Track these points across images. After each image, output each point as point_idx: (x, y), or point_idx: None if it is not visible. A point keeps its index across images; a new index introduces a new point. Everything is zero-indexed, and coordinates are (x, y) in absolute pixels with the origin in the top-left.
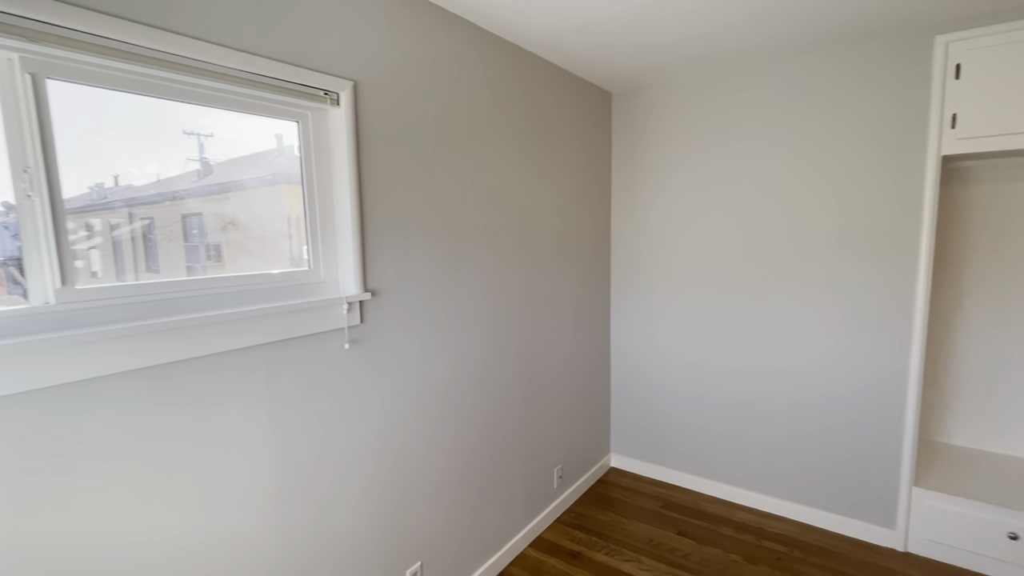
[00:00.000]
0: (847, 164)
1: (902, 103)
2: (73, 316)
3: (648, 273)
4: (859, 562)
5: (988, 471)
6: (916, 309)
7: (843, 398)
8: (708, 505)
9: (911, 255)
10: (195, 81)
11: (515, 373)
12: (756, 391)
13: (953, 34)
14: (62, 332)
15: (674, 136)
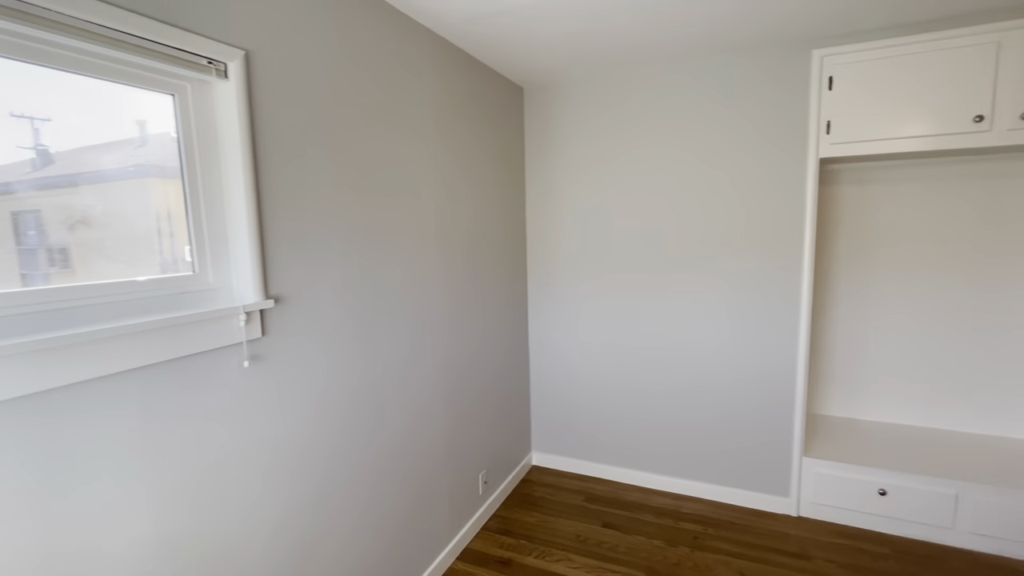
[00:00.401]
0: (743, 164)
1: (788, 109)
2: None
3: (562, 269)
4: (762, 531)
5: (859, 437)
6: (802, 295)
7: (743, 381)
8: (628, 494)
9: (797, 247)
10: (27, 32)
11: (439, 379)
12: (665, 379)
13: (826, 49)
14: None
15: (583, 134)
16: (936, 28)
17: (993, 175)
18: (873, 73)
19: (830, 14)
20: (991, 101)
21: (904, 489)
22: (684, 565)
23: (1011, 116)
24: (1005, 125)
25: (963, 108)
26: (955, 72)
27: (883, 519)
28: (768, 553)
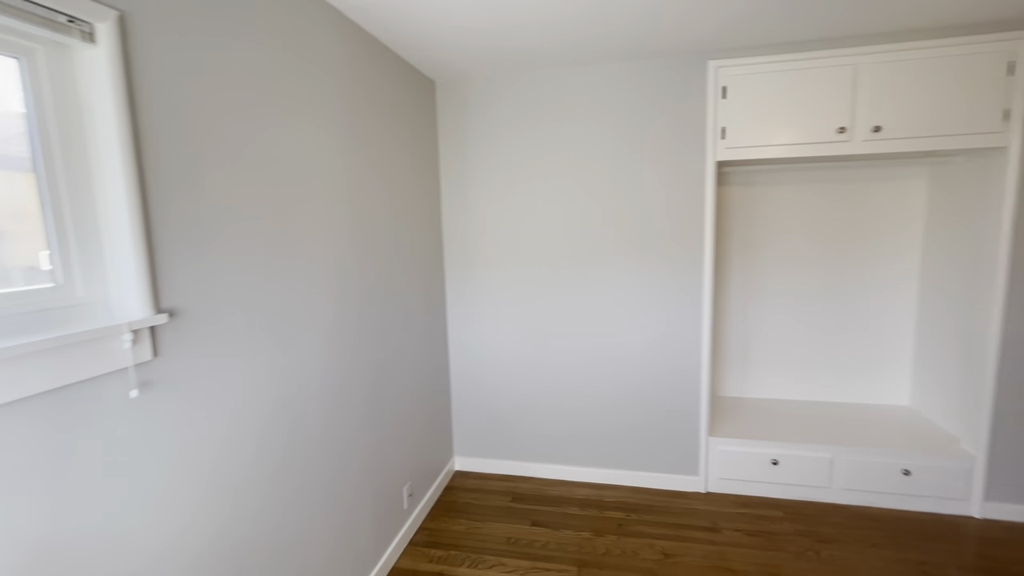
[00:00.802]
0: (650, 166)
1: (690, 114)
2: None
3: (480, 270)
4: (678, 510)
5: (753, 414)
6: (704, 287)
7: (654, 371)
8: (553, 489)
9: (698, 242)
10: None
11: (362, 392)
12: (583, 374)
13: (720, 61)
14: None
15: (497, 132)
16: (809, 48)
17: (852, 180)
18: (760, 85)
19: (720, 29)
20: (851, 115)
21: (791, 457)
22: (612, 553)
23: (865, 129)
24: (861, 137)
25: (829, 120)
26: (823, 88)
27: (776, 486)
28: (685, 530)
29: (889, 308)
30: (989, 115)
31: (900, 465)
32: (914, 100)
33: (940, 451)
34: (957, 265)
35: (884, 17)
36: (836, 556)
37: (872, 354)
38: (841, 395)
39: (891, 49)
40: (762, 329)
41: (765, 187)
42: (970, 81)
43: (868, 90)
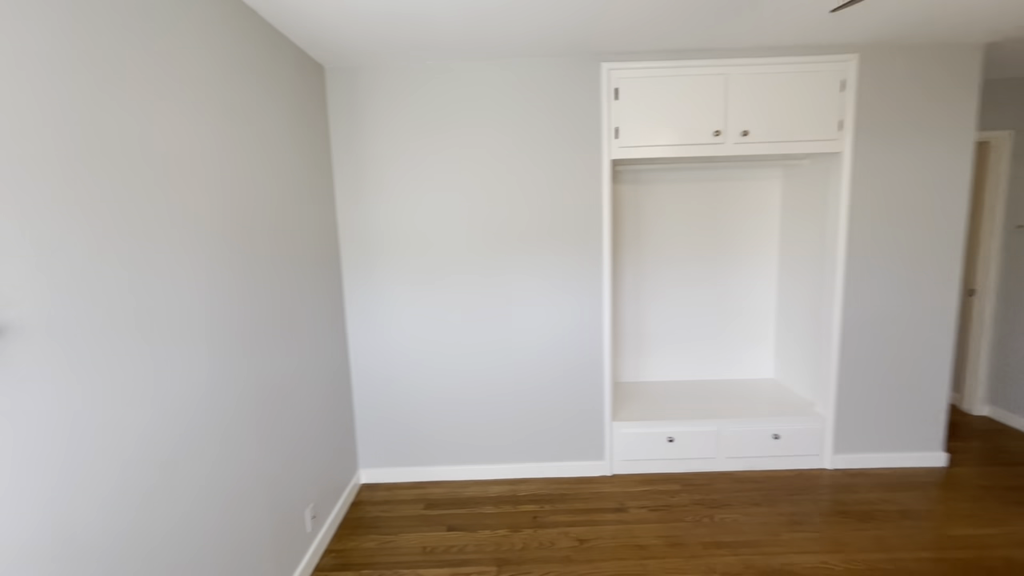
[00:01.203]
0: (552, 163)
1: (588, 114)
2: None
3: (381, 267)
4: (588, 495)
5: (649, 396)
6: (603, 279)
7: (561, 363)
8: (466, 490)
9: (597, 237)
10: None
11: (251, 413)
12: (490, 370)
13: (612, 63)
14: None
15: (399, 125)
16: (690, 57)
17: (724, 178)
18: (648, 88)
19: (613, 33)
20: (724, 120)
21: (684, 433)
22: (530, 547)
23: (736, 133)
24: (732, 139)
25: (707, 124)
26: (701, 94)
27: (673, 461)
28: (596, 514)
29: (755, 293)
30: (828, 125)
31: (771, 431)
32: (773, 109)
33: (800, 415)
34: (807, 253)
35: (745, 34)
36: (727, 519)
37: (743, 334)
38: (721, 372)
39: (753, 63)
40: (652, 317)
41: (651, 185)
42: (813, 95)
43: (737, 98)
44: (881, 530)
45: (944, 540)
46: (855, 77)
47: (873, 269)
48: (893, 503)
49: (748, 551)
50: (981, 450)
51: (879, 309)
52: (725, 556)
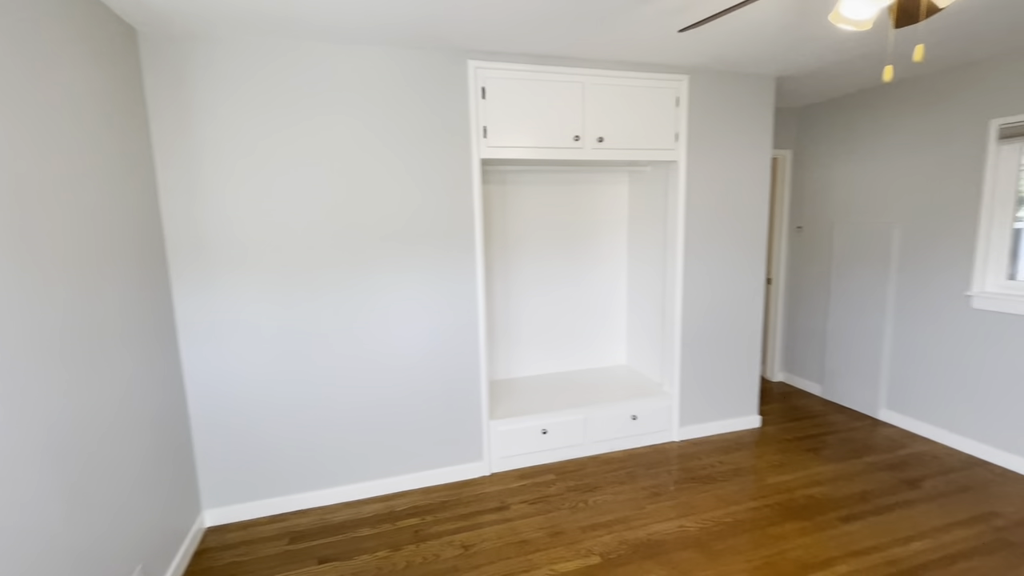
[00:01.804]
0: (424, 159)
1: (457, 111)
2: None
3: (223, 272)
4: (469, 499)
5: (522, 392)
6: (477, 279)
7: (435, 366)
8: (337, 515)
9: (469, 238)
10: None
11: (45, 463)
12: (358, 380)
13: (479, 62)
14: None
15: (245, 108)
16: (552, 63)
17: (581, 181)
18: (514, 90)
19: (476, 32)
20: (582, 126)
21: (556, 424)
22: (414, 563)
23: (593, 139)
24: (590, 145)
25: (568, 129)
26: (563, 100)
27: (547, 452)
28: (478, 516)
29: (609, 287)
30: (666, 135)
31: (630, 412)
32: (623, 118)
33: (652, 396)
34: (651, 250)
35: (601, 47)
36: (599, 500)
37: (600, 326)
38: (583, 363)
39: (607, 74)
40: (521, 314)
41: (516, 185)
42: (656, 108)
43: (593, 106)
44: (721, 489)
45: (765, 489)
46: (686, 95)
47: (705, 264)
48: (727, 464)
49: (620, 527)
50: (781, 410)
51: (710, 298)
52: (601, 536)
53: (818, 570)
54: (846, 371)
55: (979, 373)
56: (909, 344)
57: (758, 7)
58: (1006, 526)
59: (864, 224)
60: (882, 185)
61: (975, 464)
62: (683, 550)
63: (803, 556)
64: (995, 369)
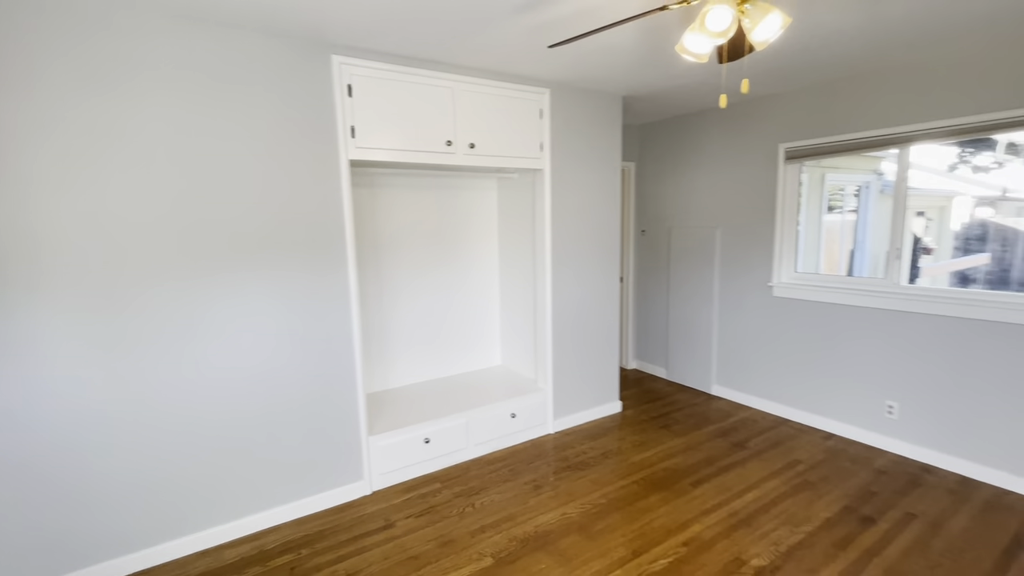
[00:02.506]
0: (286, 157)
1: (324, 108)
2: None
3: (29, 295)
4: (351, 523)
5: (401, 402)
6: (350, 289)
7: (306, 385)
8: (195, 565)
9: (340, 243)
10: None
11: None
12: (204, 409)
13: (344, 57)
14: None
15: (52, 80)
16: (422, 66)
17: (454, 186)
18: (385, 91)
19: (341, 26)
20: (454, 131)
21: (439, 432)
22: None
23: (464, 145)
24: (462, 150)
25: (440, 133)
26: (434, 104)
27: (431, 461)
28: (362, 540)
29: (483, 289)
30: (533, 145)
31: (509, 411)
32: (493, 126)
33: (528, 393)
34: (521, 253)
35: (472, 54)
36: (486, 502)
37: (477, 328)
38: (461, 367)
39: (478, 82)
40: (396, 322)
41: (387, 189)
42: (523, 118)
43: (465, 112)
44: (594, 473)
45: (631, 467)
46: (549, 108)
47: (570, 265)
48: (597, 449)
49: (508, 525)
50: (637, 394)
51: (576, 297)
52: (491, 537)
53: (678, 532)
54: (685, 355)
55: (779, 348)
56: (731, 328)
57: (617, 31)
58: (806, 470)
59: (694, 228)
60: (707, 194)
61: (781, 423)
62: (567, 536)
63: (667, 523)
64: (789, 344)
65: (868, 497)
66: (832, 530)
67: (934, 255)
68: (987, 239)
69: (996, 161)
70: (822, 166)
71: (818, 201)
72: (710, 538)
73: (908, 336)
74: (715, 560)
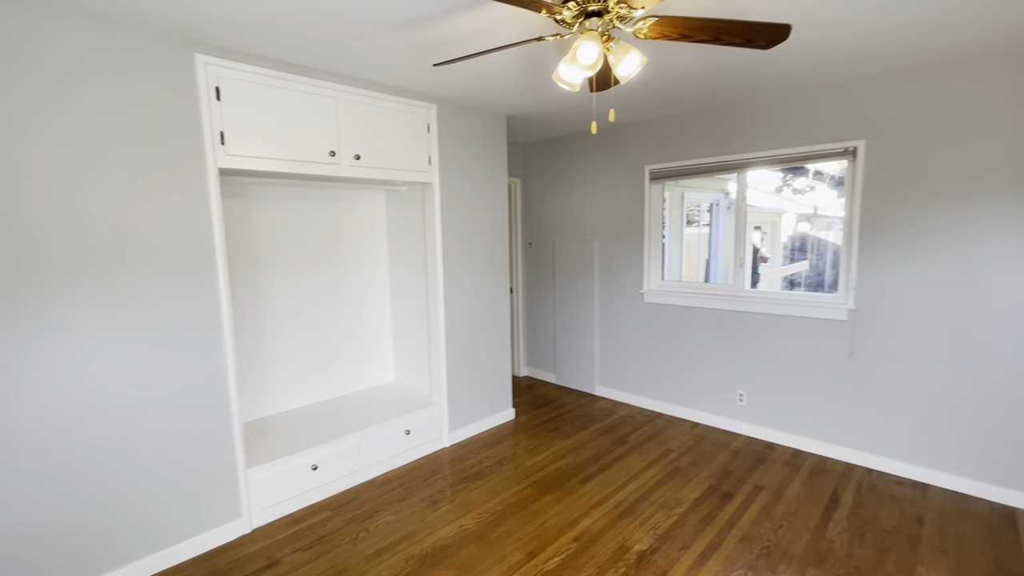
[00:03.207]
0: (149, 164)
1: (185, 112)
2: None
3: None
4: (225, 567)
5: (285, 428)
6: (223, 311)
7: (171, 422)
8: None
9: (210, 259)
10: None
11: None
12: (34, 455)
13: (210, 57)
14: None
15: None
16: (302, 73)
17: (339, 198)
18: (260, 96)
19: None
20: (338, 142)
21: (328, 456)
22: None
23: (349, 156)
24: (347, 162)
25: (323, 143)
26: (317, 113)
27: (320, 488)
28: None
29: (373, 304)
30: (421, 158)
31: (403, 428)
32: (380, 138)
33: (423, 408)
34: (412, 266)
35: (355, 65)
36: (381, 524)
37: (368, 344)
38: (351, 386)
39: (363, 93)
40: (277, 344)
41: (267, 200)
42: (411, 132)
43: (349, 123)
44: (491, 481)
45: (524, 472)
46: (436, 122)
47: (461, 277)
48: (493, 457)
49: (405, 544)
50: (529, 400)
51: (468, 309)
52: (388, 559)
53: (570, 529)
54: (571, 360)
55: (650, 349)
56: (610, 333)
57: (500, 56)
58: (677, 457)
59: (575, 240)
60: (586, 209)
61: (656, 417)
62: (466, 547)
63: (559, 521)
64: (659, 345)
65: (726, 476)
66: (699, 509)
67: (770, 263)
68: (806, 249)
69: (809, 185)
70: (681, 185)
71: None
72: (598, 531)
73: (751, 333)
74: (603, 551)
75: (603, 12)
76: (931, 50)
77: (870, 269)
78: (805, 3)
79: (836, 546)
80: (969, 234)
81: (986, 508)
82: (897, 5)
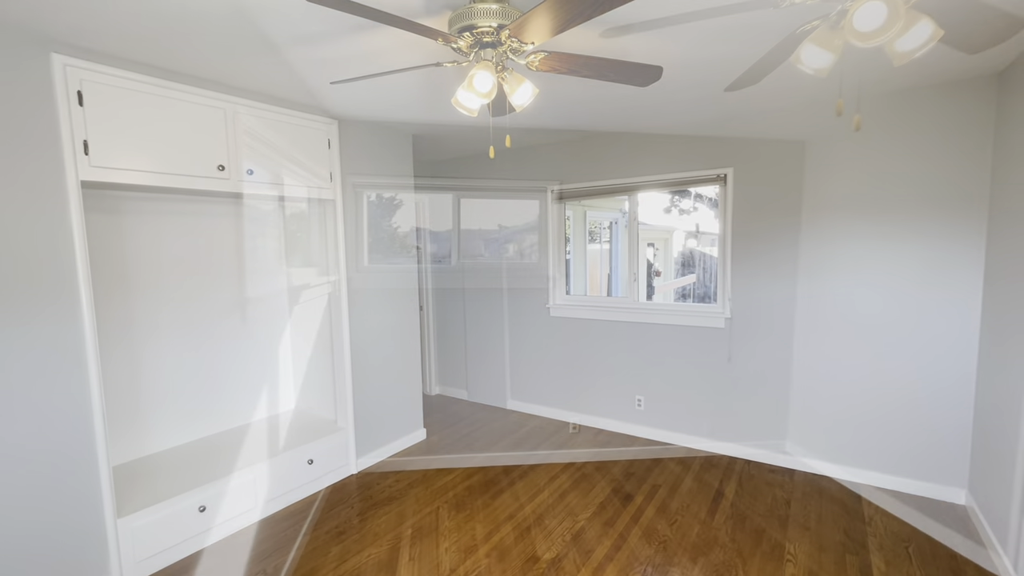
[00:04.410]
0: None
1: (39, 117)
2: None
3: None
4: None
5: (164, 470)
6: (86, 344)
7: (19, 475)
8: None
9: (70, 285)
10: None
11: None
12: None
13: (70, 59)
14: None
15: None
16: (186, 82)
17: (232, 215)
18: (135, 104)
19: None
20: (228, 155)
21: (218, 495)
22: None
23: (241, 170)
24: (237, 176)
25: (210, 157)
26: (204, 124)
27: (210, 532)
28: None
29: (271, 327)
30: (322, 175)
31: (305, 457)
32: (276, 153)
33: (327, 435)
34: (314, 287)
35: (251, 76)
36: (279, 564)
37: (264, 371)
38: (249, 416)
39: (258, 106)
40: (159, 373)
41: (140, 216)
42: (311, 147)
43: (242, 136)
44: (400, 506)
45: (436, 492)
46: (337, 139)
47: (367, 298)
48: (403, 480)
49: None
50: (441, 419)
51: (375, 329)
52: None
53: (482, 545)
54: (483, 376)
55: (557, 361)
56: (520, 347)
57: (402, 77)
58: (583, 464)
59: (485, 257)
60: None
61: (562, 427)
62: None
63: (470, 540)
64: (565, 357)
65: (628, 478)
66: (603, 512)
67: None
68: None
69: (693, 206)
70: (583, 205)
71: (583, 233)
72: (509, 544)
73: (647, 342)
74: (514, 564)
75: (497, 44)
76: (780, 96)
77: (742, 281)
78: (675, 48)
79: (721, 534)
80: (811, 248)
81: (837, 487)
82: (745, 59)
